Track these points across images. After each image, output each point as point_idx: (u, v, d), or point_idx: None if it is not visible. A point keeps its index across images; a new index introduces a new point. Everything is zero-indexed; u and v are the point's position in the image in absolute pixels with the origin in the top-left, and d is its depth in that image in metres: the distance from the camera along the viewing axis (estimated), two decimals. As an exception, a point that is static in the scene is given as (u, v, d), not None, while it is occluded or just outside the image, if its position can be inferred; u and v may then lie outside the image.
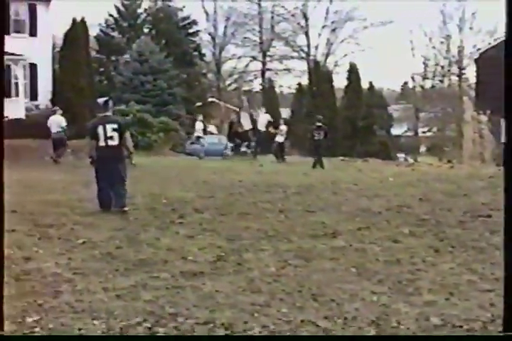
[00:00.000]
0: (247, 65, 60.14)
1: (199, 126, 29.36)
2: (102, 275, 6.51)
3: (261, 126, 28.10)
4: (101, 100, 11.30)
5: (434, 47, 51.94)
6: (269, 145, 27.78)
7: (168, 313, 5.32)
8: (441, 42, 52.02)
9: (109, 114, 11.06)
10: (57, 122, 23.03)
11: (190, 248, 7.92)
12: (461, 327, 5.08)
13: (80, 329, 4.90)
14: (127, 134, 11.07)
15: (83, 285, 6.11)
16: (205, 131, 30.81)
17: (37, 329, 4.88)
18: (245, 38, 58.66)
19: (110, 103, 11.34)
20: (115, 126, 10.75)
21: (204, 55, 54.70)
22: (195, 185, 15.02)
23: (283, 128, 26.93)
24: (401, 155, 46.99)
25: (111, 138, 10.65)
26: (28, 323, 5.02)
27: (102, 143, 10.67)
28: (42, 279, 6.34)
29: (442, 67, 53.03)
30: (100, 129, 10.67)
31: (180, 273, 6.65)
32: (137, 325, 5.02)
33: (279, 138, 26.72)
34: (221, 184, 15.38)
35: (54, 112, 23.66)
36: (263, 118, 28.72)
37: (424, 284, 6.35)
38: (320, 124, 23.17)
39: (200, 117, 30.85)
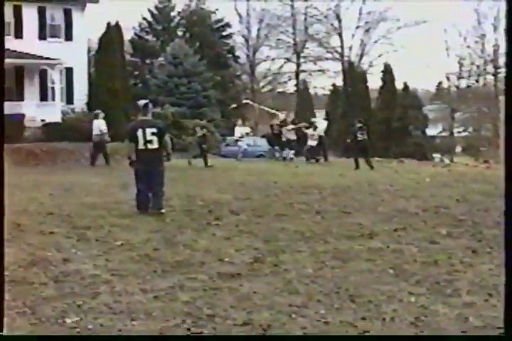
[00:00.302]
0: (281, 67, 60.35)
1: (238, 132, 29.10)
2: (139, 277, 6.55)
3: (320, 132, 27.54)
4: (141, 102, 11.33)
5: (468, 47, 51.60)
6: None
7: (206, 314, 5.33)
8: (476, 42, 51.69)
9: (149, 117, 11.12)
10: (97, 126, 23.27)
11: (227, 249, 7.93)
12: (500, 328, 5.03)
13: (119, 330, 4.95)
14: (167, 138, 11.14)
15: (121, 287, 6.15)
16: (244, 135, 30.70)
17: (77, 330, 4.93)
18: (279, 39, 58.81)
19: (150, 106, 11.38)
20: (154, 130, 10.80)
21: (238, 57, 54.97)
22: (231, 187, 15.03)
23: (313, 132, 26.67)
24: (437, 156, 46.58)
25: (150, 141, 10.71)
26: (68, 324, 5.07)
27: (141, 147, 10.74)
28: (80, 280, 6.39)
29: (477, 66, 52.60)
30: (140, 133, 10.72)
31: (217, 274, 6.67)
32: (176, 327, 5.05)
33: (311, 142, 26.57)
34: (257, 185, 15.37)
35: (96, 116, 23.85)
36: (322, 125, 28.14)
37: (463, 285, 6.30)
38: (361, 125, 22.94)
39: (239, 122, 30.75)
